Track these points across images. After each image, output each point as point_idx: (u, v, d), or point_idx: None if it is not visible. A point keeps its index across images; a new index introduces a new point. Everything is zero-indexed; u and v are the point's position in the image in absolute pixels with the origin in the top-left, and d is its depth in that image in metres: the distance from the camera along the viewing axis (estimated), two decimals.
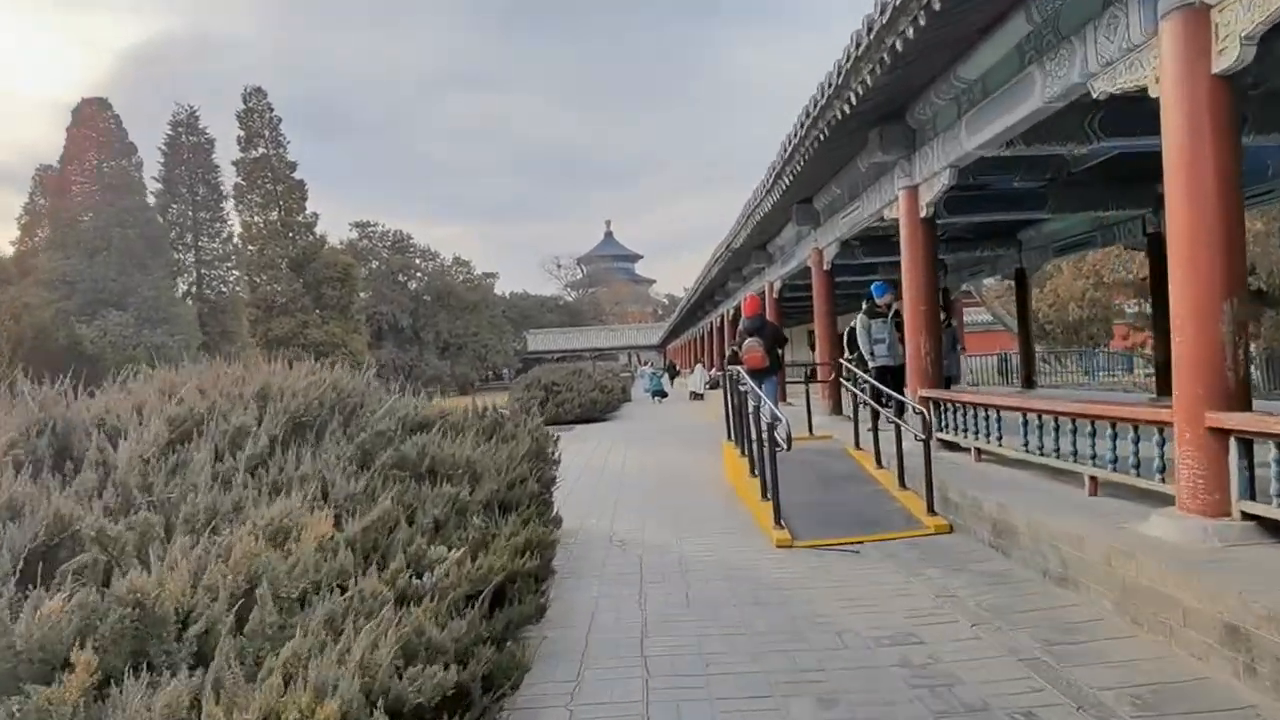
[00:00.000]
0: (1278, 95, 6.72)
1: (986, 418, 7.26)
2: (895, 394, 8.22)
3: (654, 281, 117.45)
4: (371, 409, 5.40)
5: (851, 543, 6.29)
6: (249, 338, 41.50)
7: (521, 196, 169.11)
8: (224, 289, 37.27)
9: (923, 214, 8.48)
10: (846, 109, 7.64)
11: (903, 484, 7.45)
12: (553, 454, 7.41)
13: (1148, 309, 29.43)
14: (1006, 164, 9.53)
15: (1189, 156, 4.50)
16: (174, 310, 29.30)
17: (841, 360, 10.66)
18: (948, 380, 11.57)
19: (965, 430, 7.64)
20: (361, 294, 56.14)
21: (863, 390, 9.91)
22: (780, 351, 10.37)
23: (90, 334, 25.82)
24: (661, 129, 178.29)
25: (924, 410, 7.30)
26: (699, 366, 31.01)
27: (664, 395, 30.15)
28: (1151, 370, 25.27)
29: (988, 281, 28.08)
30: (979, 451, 7.47)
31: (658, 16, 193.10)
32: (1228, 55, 4.23)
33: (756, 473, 7.99)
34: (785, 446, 6.60)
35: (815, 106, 8.08)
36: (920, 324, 8.57)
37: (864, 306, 11.20)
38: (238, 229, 42.42)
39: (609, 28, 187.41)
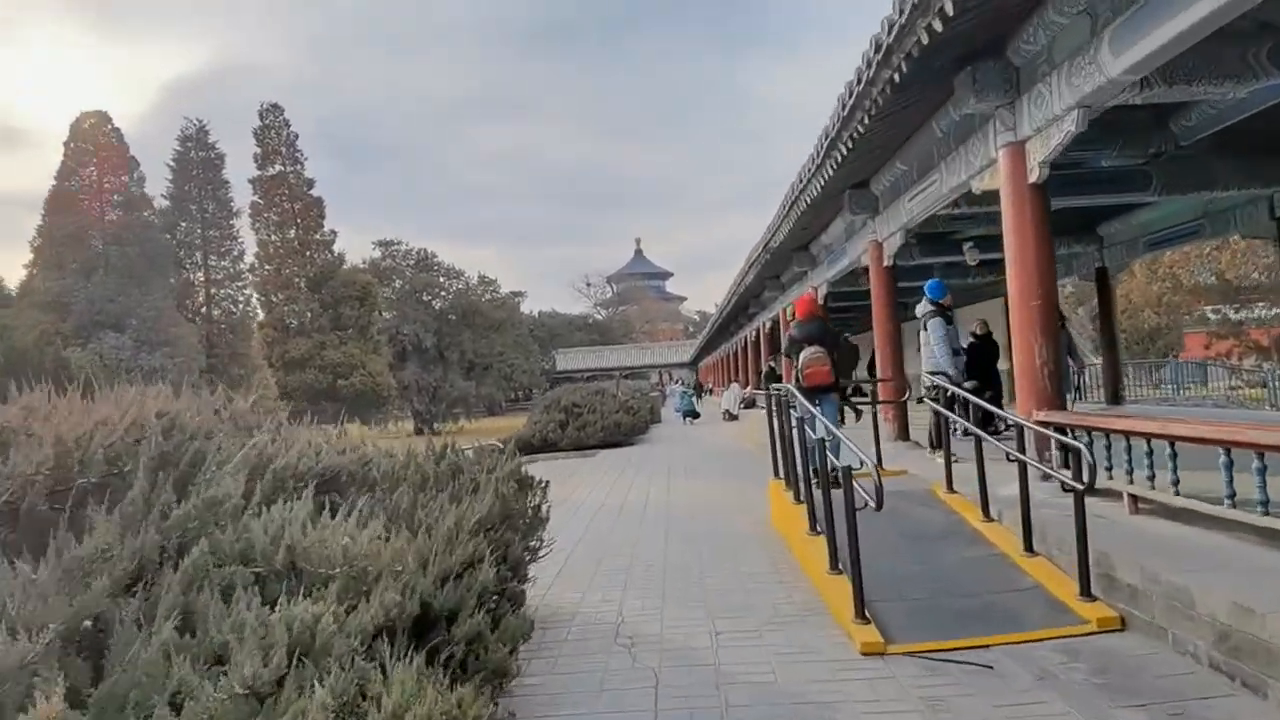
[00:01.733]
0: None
1: (1151, 451, 5.10)
2: (1011, 416, 6.10)
3: (685, 299, 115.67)
4: (221, 459, 3.38)
5: (976, 646, 4.16)
6: (263, 360, 40.27)
7: (551, 219, 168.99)
8: (234, 309, 35.95)
9: (1033, 177, 6.38)
10: (928, 36, 5.58)
11: (1029, 548, 5.28)
12: (538, 510, 5.36)
13: (1232, 314, 26.96)
14: (1104, 134, 7.58)
15: None
16: (175, 331, 27.94)
17: (932, 375, 8.53)
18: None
19: (1116, 468, 5.47)
20: (384, 314, 54.86)
21: (938, 406, 7.85)
22: (849, 362, 8.28)
23: (83, 357, 24.48)
24: (691, 152, 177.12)
25: (1075, 443, 5.15)
26: (734, 385, 28.85)
27: (696, 416, 28.02)
28: (1240, 383, 22.62)
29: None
30: (1134, 499, 5.31)
31: (688, 43, 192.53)
32: None
33: (818, 530, 5.90)
34: (875, 504, 4.50)
35: (889, 33, 6.01)
36: (1033, 322, 6.43)
37: (929, 309, 9.10)
38: (252, 247, 41.31)
39: (638, 54, 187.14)
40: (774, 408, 8.09)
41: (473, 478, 4.70)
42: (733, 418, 27.64)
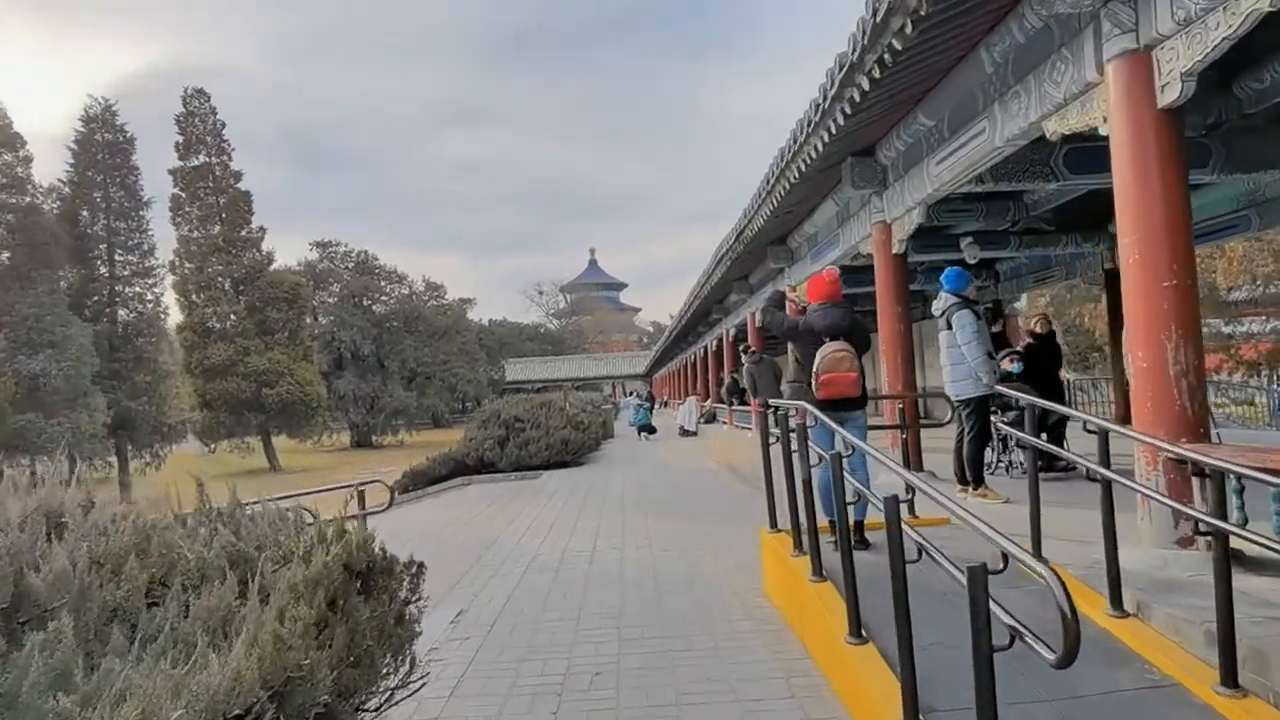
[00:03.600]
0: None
1: None
2: (1141, 438, 4.04)
3: (639, 310, 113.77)
4: None
5: None
6: (179, 367, 37.03)
7: (508, 228, 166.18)
8: (143, 309, 32.64)
9: (1167, 97, 4.33)
10: None
11: (1233, 680, 3.16)
12: (401, 619, 3.09)
13: (1223, 327, 25.70)
14: None
15: None
16: (65, 332, 24.86)
17: (1004, 388, 6.43)
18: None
19: None
20: (321, 319, 51.74)
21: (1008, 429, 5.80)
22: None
23: None
24: (650, 167, 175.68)
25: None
26: (691, 399, 26.73)
27: (652, 431, 25.81)
28: (1225, 399, 21.17)
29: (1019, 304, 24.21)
30: None
31: (649, 58, 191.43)
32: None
33: (860, 635, 3.73)
34: (1057, 658, 2.31)
35: None
36: (1166, 312, 4.38)
37: (952, 303, 7.07)
38: (172, 243, 37.99)
39: (600, 69, 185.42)
40: (772, 430, 5.89)
41: (283, 552, 2.42)
42: (690, 434, 25.54)
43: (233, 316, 38.05)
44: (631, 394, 39.31)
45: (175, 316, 37.79)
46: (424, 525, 11.67)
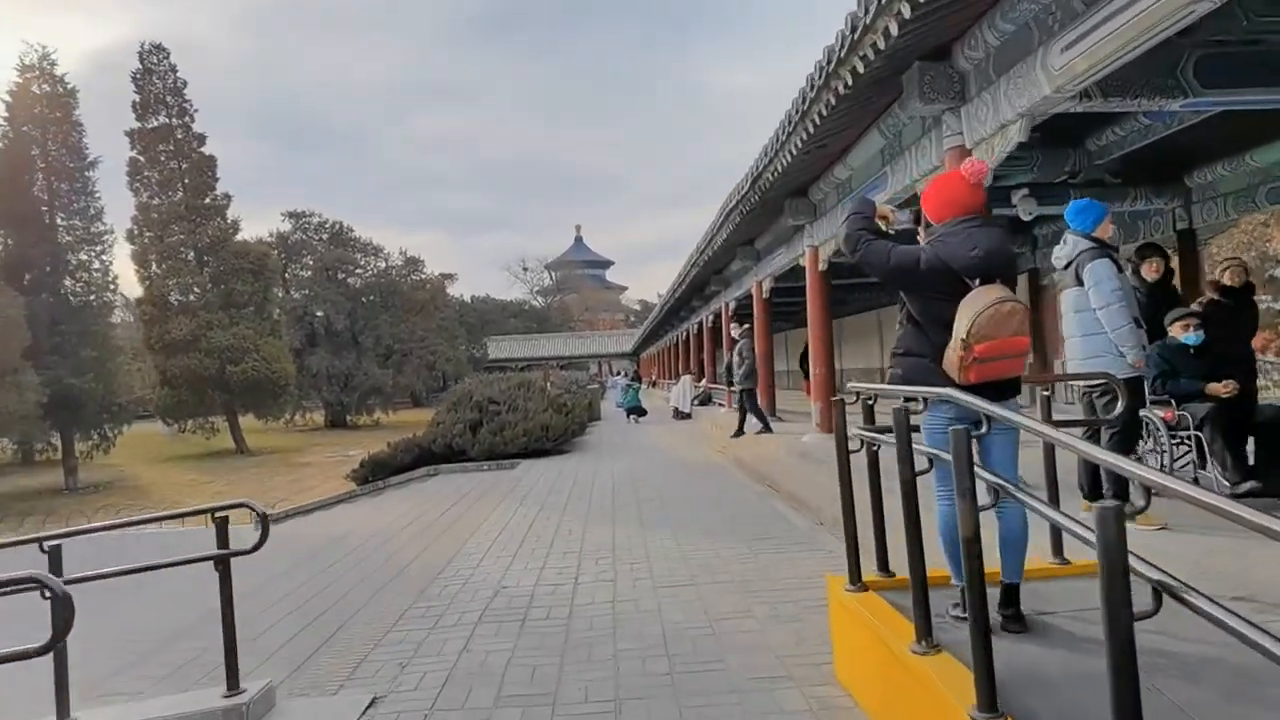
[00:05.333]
0: None
1: None
2: None
3: (625, 288, 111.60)
4: None
5: None
6: (130, 341, 34.56)
7: (493, 206, 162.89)
8: (89, 278, 30.03)
9: None
10: None
11: None
12: None
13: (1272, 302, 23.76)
14: None
15: None
16: None
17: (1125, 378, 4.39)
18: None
19: None
20: (293, 293, 49.19)
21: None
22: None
23: None
24: (636, 145, 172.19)
25: None
26: (685, 377, 24.68)
27: (642, 413, 23.78)
28: (1267, 382, 19.29)
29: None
30: None
31: (637, 36, 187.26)
32: None
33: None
34: None
35: None
36: None
37: (1084, 248, 5.03)
38: (129, 209, 35.26)
39: (586, 45, 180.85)
40: (860, 435, 3.76)
41: None
42: (684, 416, 23.53)
43: (195, 289, 35.43)
44: (619, 373, 37.20)
45: (134, 290, 35.29)
46: (367, 534, 9.58)
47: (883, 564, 3.88)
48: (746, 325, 14.08)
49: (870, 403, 3.84)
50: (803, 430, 12.14)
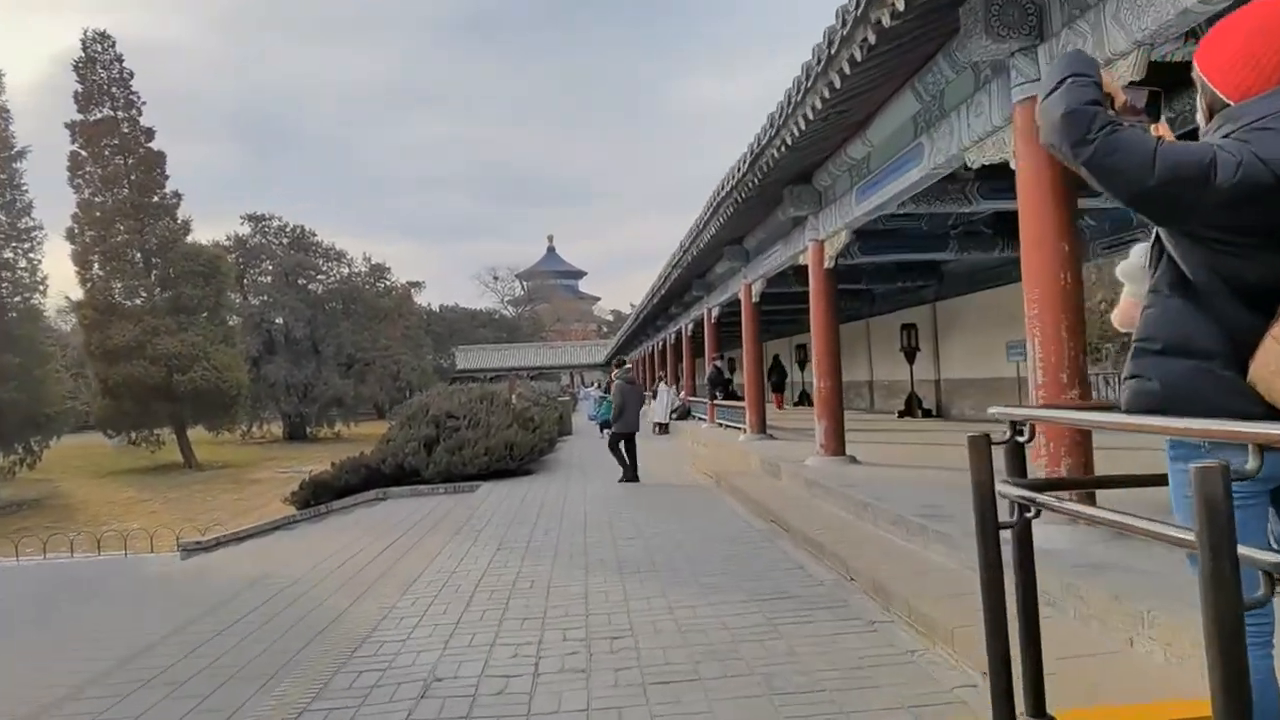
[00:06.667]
0: None
1: None
2: None
3: (599, 299, 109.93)
4: None
5: None
6: (61, 348, 32.36)
7: (465, 215, 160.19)
8: (14, 278, 27.65)
9: None
10: None
11: None
12: None
13: None
14: None
15: None
16: None
17: None
18: None
19: None
20: (252, 299, 47.00)
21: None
22: None
23: None
24: (610, 155, 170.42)
25: None
26: (663, 387, 23.12)
27: None
28: None
29: None
30: None
31: (610, 45, 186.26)
32: None
33: None
34: None
35: None
36: None
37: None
38: (69, 205, 33.01)
39: (559, 53, 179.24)
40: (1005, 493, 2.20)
41: None
42: (663, 430, 21.98)
43: (142, 292, 33.28)
44: (592, 384, 35.56)
45: (57, 287, 33.14)
46: (288, 577, 7.90)
47: (1038, 709, 2.33)
48: (628, 366, 12.89)
49: (1023, 439, 2.29)
50: (802, 451, 10.63)
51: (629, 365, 12.90)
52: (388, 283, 50.79)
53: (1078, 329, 5.21)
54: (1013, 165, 5.57)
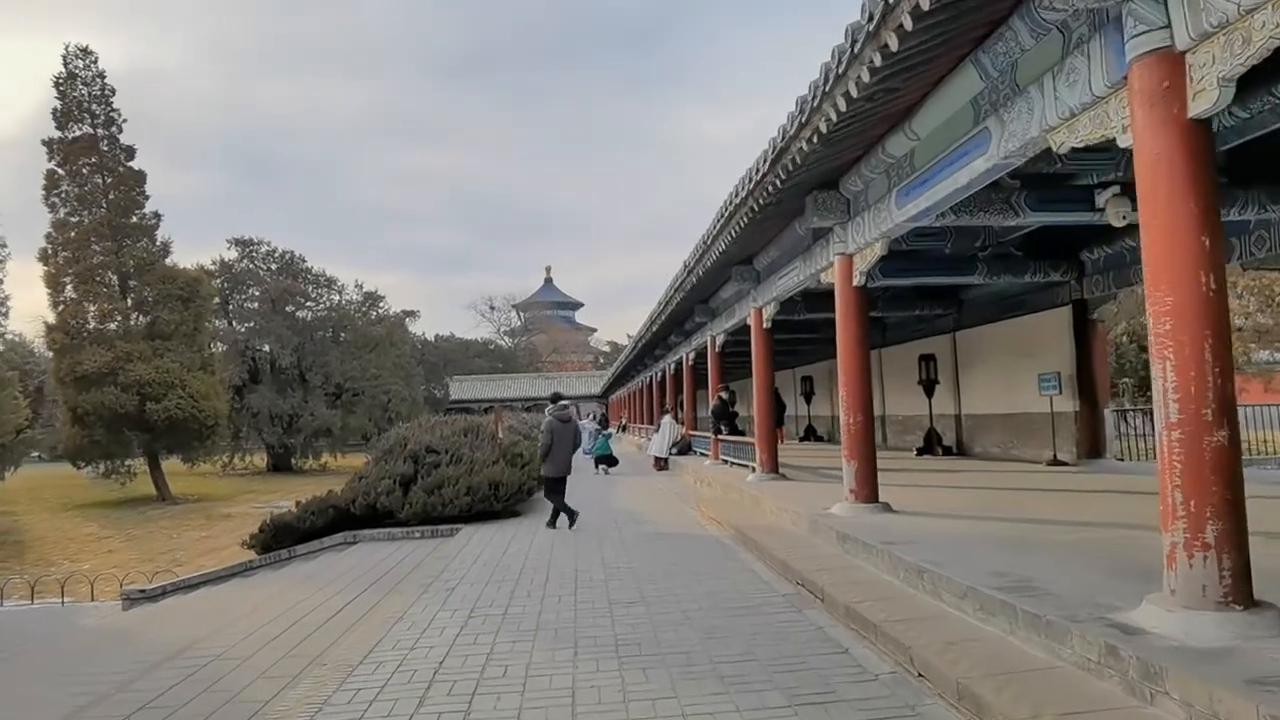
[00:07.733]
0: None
1: None
2: None
3: (595, 330, 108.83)
4: None
5: None
6: (19, 373, 30.96)
7: (463, 248, 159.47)
8: None
9: None
10: None
11: None
12: None
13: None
14: None
15: None
16: None
17: None
18: None
19: None
20: (237, 325, 45.67)
21: None
22: None
23: None
24: (606, 187, 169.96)
25: None
26: (667, 418, 21.79)
27: (613, 463, 20.79)
28: None
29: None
30: None
31: (606, 80, 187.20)
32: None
33: None
34: None
35: None
36: None
37: None
38: (24, 224, 31.81)
39: (555, 88, 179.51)
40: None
41: None
42: (663, 465, 20.65)
43: (117, 316, 31.97)
44: (589, 416, 34.15)
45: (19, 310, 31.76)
46: (216, 648, 6.53)
47: None
48: (564, 402, 11.73)
49: None
50: (821, 494, 9.32)
51: (565, 402, 11.60)
52: (380, 311, 49.61)
53: (1223, 349, 3.96)
54: (1122, 143, 4.36)
